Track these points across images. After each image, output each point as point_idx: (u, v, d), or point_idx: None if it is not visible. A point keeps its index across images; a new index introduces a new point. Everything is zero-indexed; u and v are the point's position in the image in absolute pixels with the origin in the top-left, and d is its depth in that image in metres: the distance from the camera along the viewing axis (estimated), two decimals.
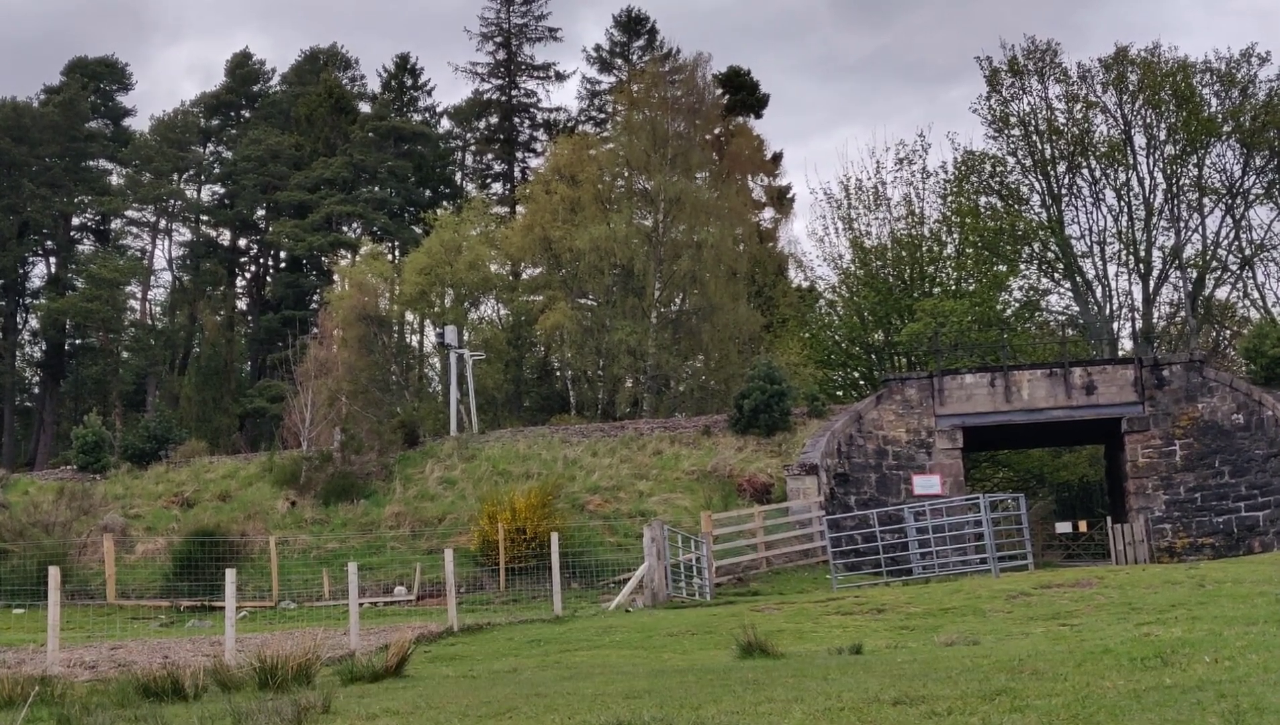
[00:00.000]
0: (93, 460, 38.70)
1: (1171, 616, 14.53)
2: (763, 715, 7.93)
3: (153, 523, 35.37)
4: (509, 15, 72.49)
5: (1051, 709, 7.54)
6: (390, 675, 12.30)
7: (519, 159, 73.56)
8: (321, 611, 26.77)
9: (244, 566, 30.08)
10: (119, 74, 79.24)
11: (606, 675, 11.62)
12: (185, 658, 15.54)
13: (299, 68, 79.50)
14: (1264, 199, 56.66)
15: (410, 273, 53.58)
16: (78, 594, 30.41)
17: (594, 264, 50.63)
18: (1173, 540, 33.23)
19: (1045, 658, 10.55)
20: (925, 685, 8.96)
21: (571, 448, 36.95)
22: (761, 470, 34.45)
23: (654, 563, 24.09)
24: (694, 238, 51.61)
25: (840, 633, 15.85)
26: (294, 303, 67.93)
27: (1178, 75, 55.36)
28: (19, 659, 17.03)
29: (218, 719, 9.07)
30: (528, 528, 30.98)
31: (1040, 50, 57.97)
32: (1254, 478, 33.12)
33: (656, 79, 56.97)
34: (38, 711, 9.94)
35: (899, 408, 35.57)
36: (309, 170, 68.63)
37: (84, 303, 65.01)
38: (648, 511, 32.15)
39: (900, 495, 34.14)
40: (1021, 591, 18.73)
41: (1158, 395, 34.84)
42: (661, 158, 52.58)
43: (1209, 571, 20.23)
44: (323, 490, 35.82)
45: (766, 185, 64.67)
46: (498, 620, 21.57)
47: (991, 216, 56.40)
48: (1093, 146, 56.44)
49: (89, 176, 73.04)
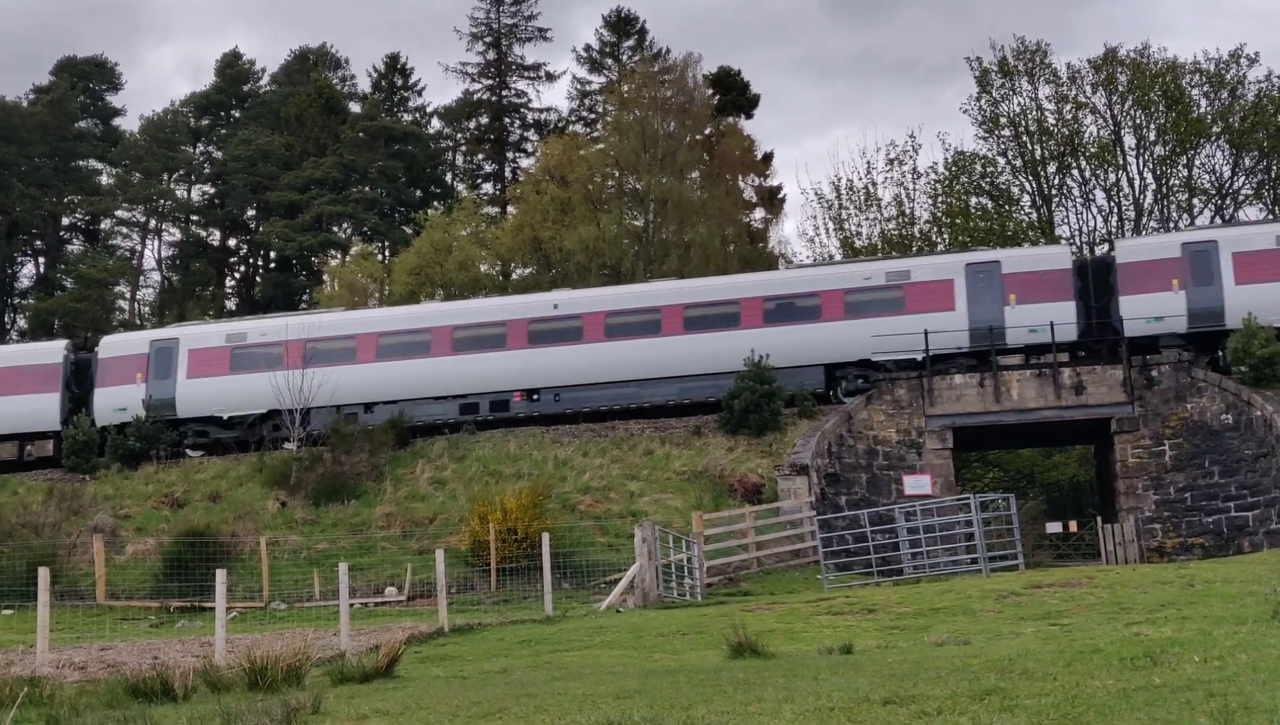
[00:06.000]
0: (82, 461, 38.61)
1: (1161, 616, 14.56)
2: (753, 715, 7.93)
3: (143, 523, 35.29)
4: (499, 15, 72.46)
5: (1041, 708, 7.56)
6: (380, 676, 12.30)
7: (509, 159, 73.51)
8: (312, 612, 26.72)
9: (234, 567, 30.00)
10: (108, 74, 79.05)
11: (597, 675, 11.62)
12: (175, 658, 15.51)
13: (289, 67, 79.36)
14: (1253, 199, 56.86)
15: (400, 273, 53.61)
16: (67, 595, 30.33)
17: (583, 264, 50.64)
18: (1162, 540, 33.29)
19: (1035, 657, 10.57)
20: (915, 685, 8.97)
21: (562, 448, 36.93)
22: (752, 470, 34.46)
23: (645, 563, 24.09)
24: (683, 238, 51.67)
25: (831, 633, 15.86)
26: (283, 303, 67.79)
27: (1167, 76, 55.52)
28: (8, 660, 16.98)
29: (207, 720, 9.06)
30: (519, 528, 30.96)
31: (1030, 51, 58.10)
32: (1243, 478, 33.20)
33: (646, 79, 57.01)
34: (26, 712, 9.91)
35: (889, 408, 35.62)
36: (299, 170, 68.51)
37: (73, 303, 64.82)
38: (639, 512, 32.14)
39: (891, 495, 34.17)
40: (1012, 591, 18.76)
41: (1147, 395, 34.93)
42: (651, 158, 52.65)
43: (1199, 571, 20.28)
44: (313, 491, 35.78)
45: (757, 185, 64.71)
46: (489, 621, 21.56)
47: (982, 217, 56.51)
48: (1083, 147, 56.57)
49: (78, 176, 72.84)
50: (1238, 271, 35.93)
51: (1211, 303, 35.89)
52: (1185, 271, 36.28)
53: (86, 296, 64.72)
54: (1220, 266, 36.13)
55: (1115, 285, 36.73)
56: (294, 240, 66.47)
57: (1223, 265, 36.10)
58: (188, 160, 76.27)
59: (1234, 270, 35.96)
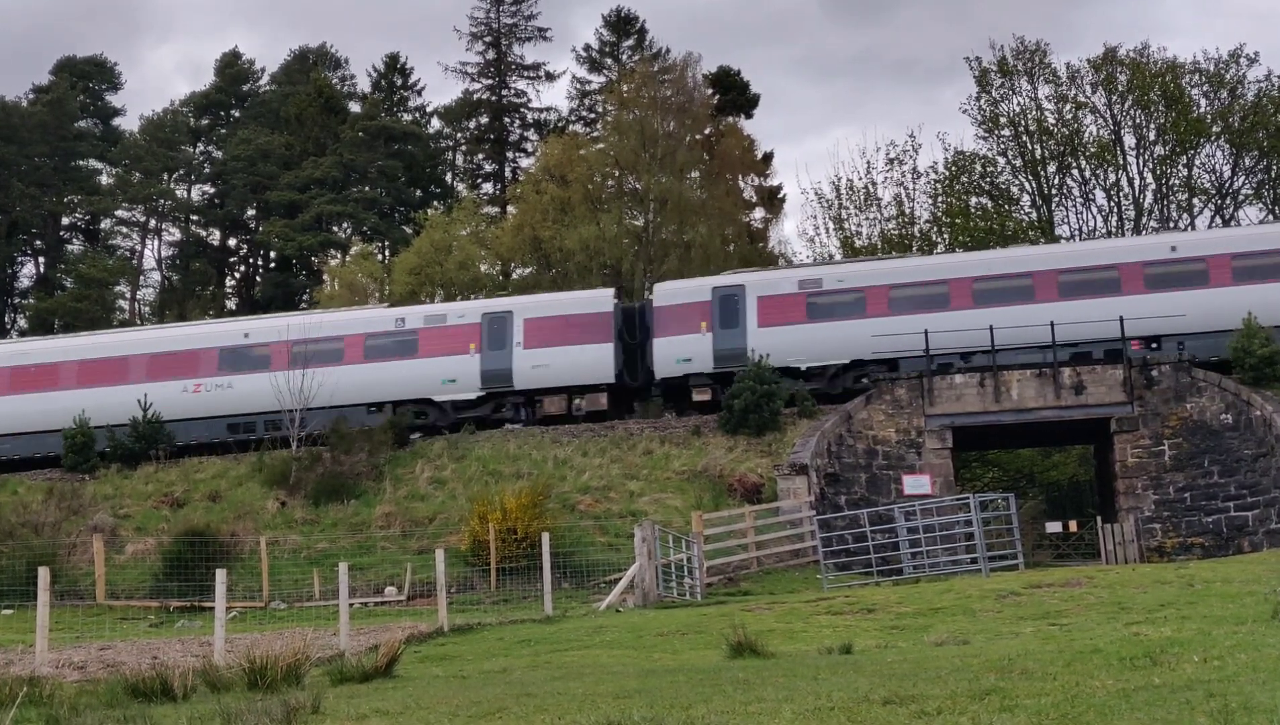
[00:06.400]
0: (82, 460, 38.61)
1: (1161, 616, 14.56)
2: (753, 715, 7.93)
3: (142, 523, 35.29)
4: (499, 15, 72.48)
5: (1041, 708, 7.55)
6: (380, 675, 12.30)
7: (509, 159, 73.54)
8: (311, 612, 26.72)
9: (234, 567, 30.00)
10: (108, 73, 79.09)
11: (597, 675, 11.62)
12: (174, 658, 15.52)
13: (288, 67, 79.39)
14: (1253, 199, 56.87)
15: (400, 273, 53.61)
16: (67, 594, 30.33)
17: (583, 264, 50.61)
18: (1162, 540, 33.28)
19: (1035, 657, 10.57)
20: (915, 685, 8.96)
21: (562, 448, 36.93)
22: (752, 470, 34.46)
23: (645, 563, 24.09)
24: (683, 238, 51.66)
25: (830, 632, 15.86)
26: (283, 302, 67.84)
27: (1166, 76, 55.52)
28: (7, 660, 16.98)
29: (207, 719, 9.06)
30: (518, 528, 30.96)
31: (1030, 51, 58.11)
32: (1243, 477, 33.19)
33: (646, 79, 57.00)
34: (26, 712, 9.91)
35: (888, 407, 35.60)
36: (299, 170, 68.52)
37: (73, 302, 64.87)
38: (638, 511, 32.14)
39: (891, 495, 34.15)
40: (1011, 591, 18.76)
41: (1146, 395, 34.91)
42: (651, 158, 52.64)
43: (1198, 571, 20.28)
44: (313, 490, 35.79)
45: (757, 185, 64.72)
46: (488, 620, 21.56)
47: (982, 217, 56.50)
48: (1082, 147, 56.57)
49: (78, 176, 72.87)
50: (761, 315, 37.42)
51: (736, 344, 37.25)
52: (714, 314, 37.68)
53: (86, 296, 64.75)
54: (746, 310, 37.56)
55: (651, 327, 38.25)
56: (294, 240, 66.49)
57: (748, 309, 37.53)
58: (188, 160, 76.28)
59: (758, 314, 37.45)
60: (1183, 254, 37.05)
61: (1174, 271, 36.76)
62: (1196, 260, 36.66)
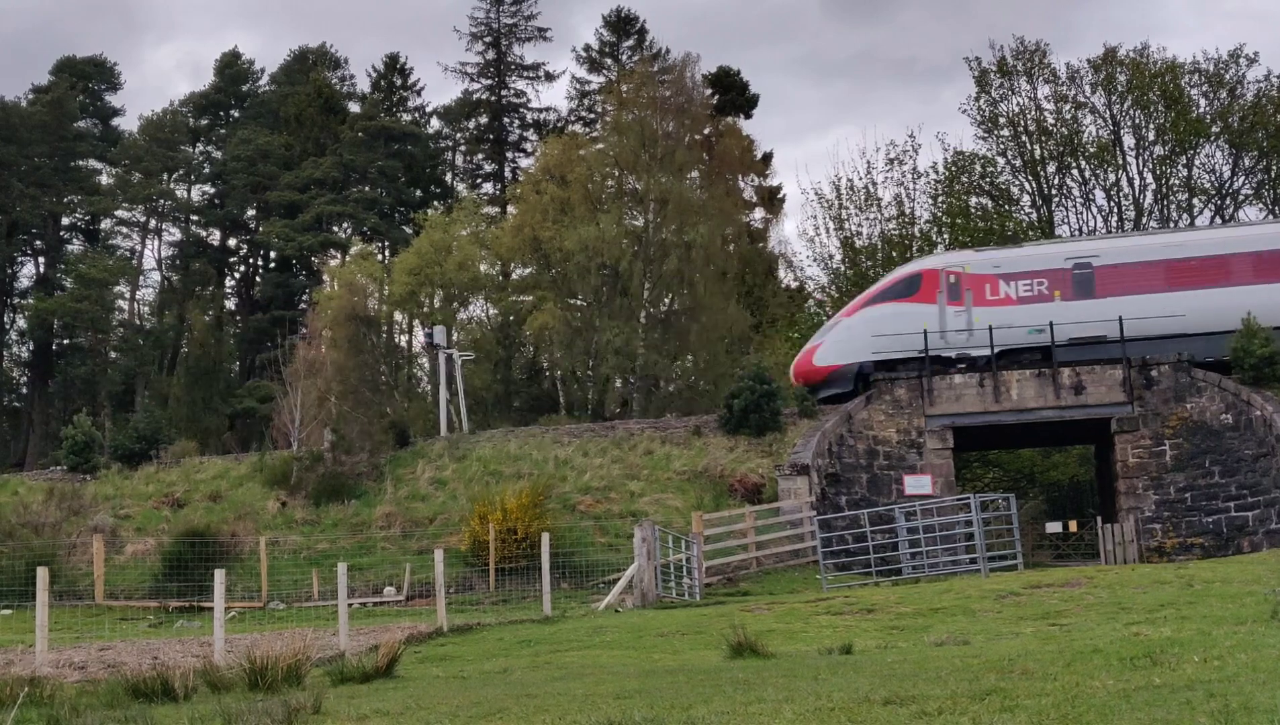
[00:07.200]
0: (82, 461, 38.59)
1: (1161, 616, 14.57)
2: (753, 715, 7.93)
3: (143, 523, 35.28)
4: (498, 15, 72.45)
5: (1041, 708, 7.55)
6: (380, 676, 12.30)
7: (509, 159, 73.50)
8: (311, 612, 26.72)
9: (234, 567, 30.01)
10: (108, 73, 79.01)
11: (597, 675, 11.62)
12: (174, 658, 15.51)
13: (288, 67, 79.31)
14: (1253, 199, 56.88)
15: (400, 273, 53.47)
16: (66, 595, 30.33)
17: (582, 264, 50.57)
18: (1162, 540, 33.29)
19: (1035, 657, 10.57)
20: (915, 685, 8.97)
21: (563, 448, 36.93)
22: (752, 470, 34.46)
23: (644, 563, 24.09)
24: (683, 238, 51.61)
25: (830, 633, 15.86)
26: (283, 303, 67.83)
27: (1166, 76, 55.54)
28: (7, 660, 16.98)
29: (208, 720, 9.06)
30: (518, 528, 30.97)
31: (1029, 51, 58.13)
32: (1243, 478, 33.19)
33: (645, 79, 56.95)
34: (27, 712, 9.90)
35: (889, 408, 35.60)
36: (299, 170, 68.48)
37: (73, 303, 64.78)
38: (639, 512, 32.13)
39: (891, 495, 34.16)
40: (1011, 591, 18.77)
41: (1146, 395, 34.91)
42: (650, 158, 52.57)
43: (1198, 571, 20.29)
44: (313, 491, 35.77)
45: (756, 185, 64.71)
46: (488, 620, 21.56)
47: (982, 217, 56.52)
48: (1082, 147, 56.60)
49: (78, 176, 72.80)
50: None
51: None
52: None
53: (86, 296, 64.67)
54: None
55: None
56: (294, 240, 66.44)
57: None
58: (187, 160, 76.22)
59: None
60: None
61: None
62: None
